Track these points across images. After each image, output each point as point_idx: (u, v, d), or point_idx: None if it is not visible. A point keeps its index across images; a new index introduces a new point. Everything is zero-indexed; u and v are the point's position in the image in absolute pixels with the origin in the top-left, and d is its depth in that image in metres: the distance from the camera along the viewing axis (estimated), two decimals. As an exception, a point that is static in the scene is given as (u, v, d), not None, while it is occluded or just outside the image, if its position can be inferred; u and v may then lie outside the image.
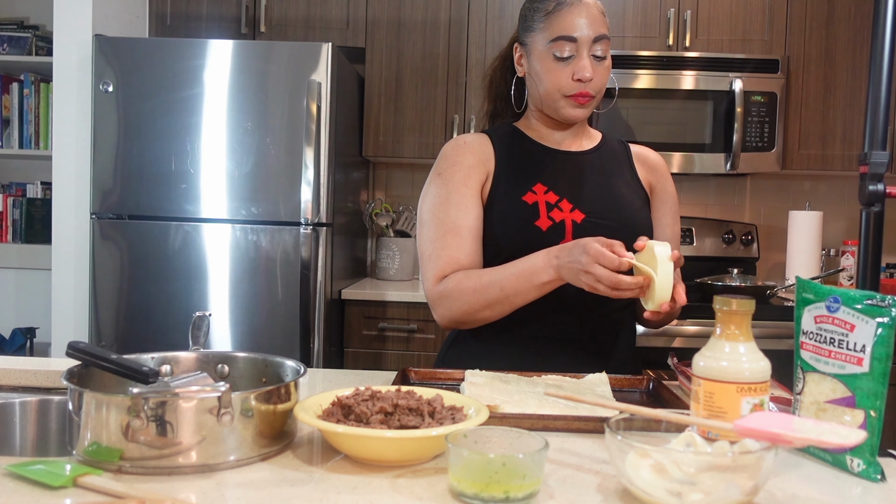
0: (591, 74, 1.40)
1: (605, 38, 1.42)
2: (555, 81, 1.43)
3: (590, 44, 1.41)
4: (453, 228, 1.43)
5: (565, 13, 1.41)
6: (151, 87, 2.69)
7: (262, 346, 2.65)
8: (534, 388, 1.21)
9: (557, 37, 1.41)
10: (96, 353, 0.96)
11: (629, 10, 3.08)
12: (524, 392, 1.18)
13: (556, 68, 1.42)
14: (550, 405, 1.13)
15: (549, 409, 1.11)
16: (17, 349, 3.30)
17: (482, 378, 1.25)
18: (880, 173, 1.02)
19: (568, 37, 1.40)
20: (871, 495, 0.87)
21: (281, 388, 0.94)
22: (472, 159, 1.48)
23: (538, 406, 1.12)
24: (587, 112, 1.47)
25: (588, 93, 1.42)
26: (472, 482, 0.79)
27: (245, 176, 2.69)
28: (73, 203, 2.84)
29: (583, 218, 1.43)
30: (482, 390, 1.17)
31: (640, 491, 0.80)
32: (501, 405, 1.12)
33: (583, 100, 1.43)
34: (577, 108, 1.44)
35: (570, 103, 1.44)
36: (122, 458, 0.86)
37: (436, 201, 1.46)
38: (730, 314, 0.96)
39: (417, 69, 3.13)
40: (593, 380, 1.30)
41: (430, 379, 1.34)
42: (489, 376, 1.26)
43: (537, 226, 1.41)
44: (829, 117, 3.07)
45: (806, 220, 3.13)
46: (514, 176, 1.47)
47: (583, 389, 1.24)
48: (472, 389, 1.18)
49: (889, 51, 1.02)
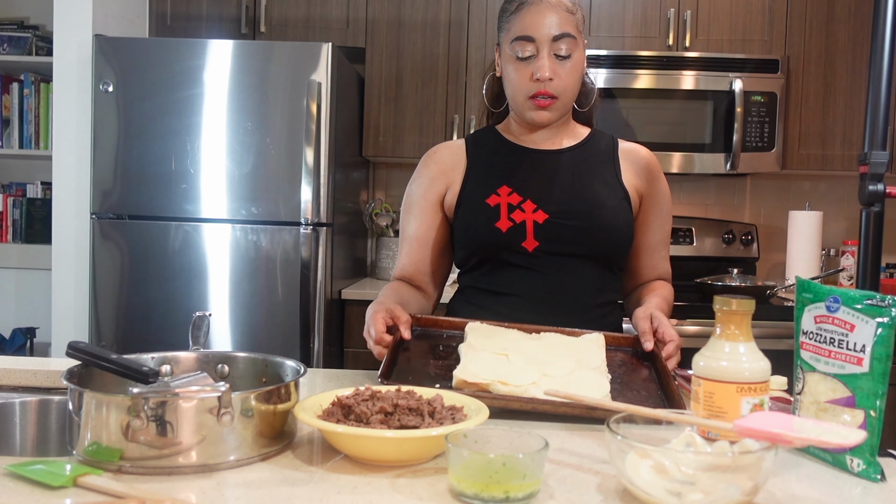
0: (550, 74, 1.39)
1: (567, 36, 1.40)
2: (516, 82, 1.43)
3: (549, 43, 1.40)
4: (407, 237, 1.57)
5: (525, 13, 1.41)
6: (151, 87, 2.69)
7: (262, 346, 2.65)
8: (528, 365, 1.21)
9: (517, 37, 1.41)
10: (96, 353, 0.96)
11: (629, 10, 3.08)
12: (517, 369, 1.19)
13: (517, 68, 1.42)
14: (545, 382, 1.15)
15: (542, 385, 1.14)
16: (18, 349, 3.30)
17: (481, 337, 1.28)
18: (880, 173, 1.02)
19: (526, 36, 1.40)
20: (871, 495, 0.87)
21: (281, 388, 0.94)
22: (434, 171, 1.55)
23: (530, 381, 1.14)
24: (552, 115, 1.45)
25: (548, 92, 1.41)
26: (472, 482, 0.79)
27: (245, 176, 2.69)
28: (73, 203, 2.84)
29: (545, 218, 1.43)
30: (476, 363, 1.19)
31: (640, 491, 0.80)
32: (494, 384, 1.13)
33: (543, 101, 1.42)
34: (540, 112, 1.44)
35: (532, 106, 1.43)
36: (123, 458, 0.86)
37: (402, 211, 1.61)
38: (730, 314, 0.96)
39: (417, 69, 3.13)
40: (590, 339, 1.31)
41: (432, 326, 1.39)
42: (489, 334, 1.30)
43: (497, 227, 1.43)
44: (829, 117, 3.07)
45: (806, 220, 3.13)
46: (482, 179, 1.50)
47: (578, 348, 1.26)
48: (469, 353, 1.22)
49: (889, 51, 1.02)
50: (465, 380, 1.15)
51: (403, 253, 1.57)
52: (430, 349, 1.33)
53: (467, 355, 1.21)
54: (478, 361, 1.19)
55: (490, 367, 1.17)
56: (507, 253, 1.45)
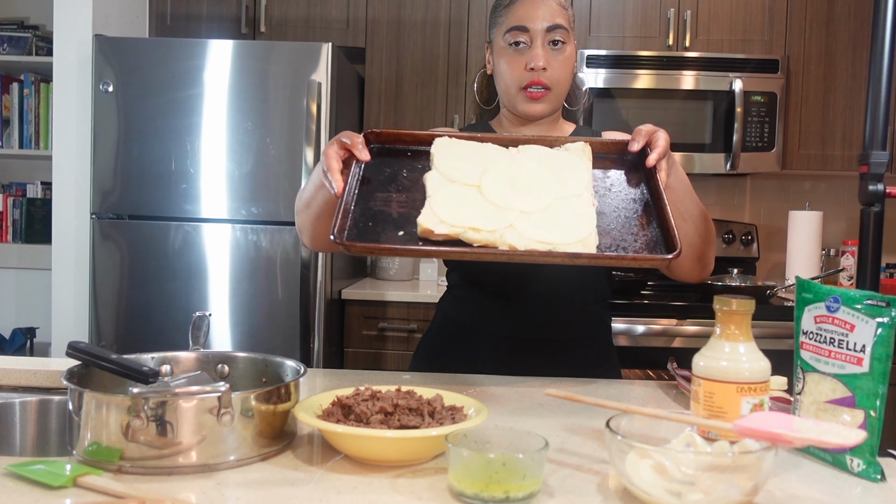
0: (544, 63, 1.40)
1: (560, 27, 1.41)
2: (510, 72, 1.43)
3: (543, 33, 1.41)
4: None
5: (519, 4, 1.42)
6: (151, 87, 2.69)
7: (262, 346, 2.65)
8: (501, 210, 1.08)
9: (511, 27, 1.42)
10: (96, 353, 0.96)
11: (629, 10, 3.08)
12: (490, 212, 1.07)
13: (511, 59, 1.42)
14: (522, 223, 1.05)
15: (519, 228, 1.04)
16: (18, 349, 3.30)
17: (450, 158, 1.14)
18: (880, 173, 1.02)
19: (521, 27, 1.41)
20: (870, 495, 0.87)
21: (281, 388, 0.94)
22: None
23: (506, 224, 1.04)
24: (545, 107, 1.44)
25: (542, 82, 1.41)
26: (472, 482, 0.79)
27: (245, 176, 2.69)
28: (73, 203, 2.84)
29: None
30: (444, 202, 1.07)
31: (640, 491, 0.80)
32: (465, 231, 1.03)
33: (537, 92, 1.41)
34: (534, 104, 1.43)
35: (526, 98, 1.43)
36: (122, 457, 0.86)
37: None
38: (730, 314, 0.96)
39: (417, 69, 3.13)
40: (575, 149, 1.19)
41: (394, 142, 1.24)
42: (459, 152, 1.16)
43: None
44: (829, 117, 3.06)
45: (806, 220, 3.13)
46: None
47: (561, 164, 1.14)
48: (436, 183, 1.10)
49: (889, 51, 1.02)
50: (432, 229, 1.04)
51: None
52: (392, 176, 1.18)
53: (434, 191, 1.09)
54: (445, 199, 1.07)
55: (460, 207, 1.05)
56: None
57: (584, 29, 3.04)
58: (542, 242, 1.03)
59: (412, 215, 1.08)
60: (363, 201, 1.13)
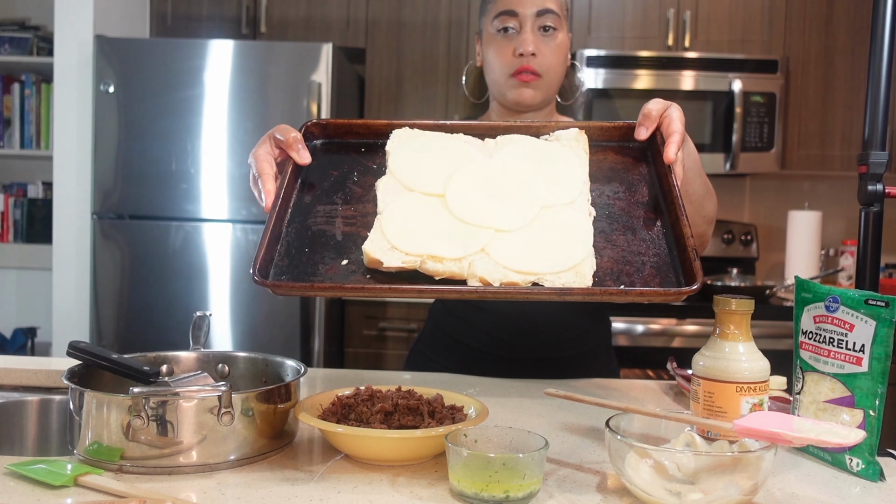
0: (534, 49, 1.35)
1: (550, 12, 1.36)
2: (499, 58, 1.38)
3: (533, 18, 1.36)
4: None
5: None
6: (152, 87, 2.70)
7: (262, 346, 2.65)
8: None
9: (500, 12, 1.38)
10: (97, 353, 0.96)
11: (629, 10, 3.08)
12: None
13: (500, 45, 1.38)
14: (496, 248, 0.86)
15: (492, 251, 0.84)
16: (18, 349, 3.30)
17: (411, 147, 0.94)
18: (879, 173, 1.02)
19: (509, 11, 1.37)
20: (870, 495, 0.87)
21: (281, 388, 0.94)
22: None
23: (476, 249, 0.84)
24: (536, 94, 1.38)
25: (532, 68, 1.36)
26: (472, 482, 0.79)
27: (245, 176, 2.69)
28: (73, 203, 2.84)
29: None
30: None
31: (640, 491, 0.80)
32: (422, 260, 0.84)
33: (527, 77, 1.36)
34: (524, 88, 1.37)
35: (515, 83, 1.37)
36: (123, 457, 0.86)
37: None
38: (729, 314, 0.96)
39: (417, 69, 3.13)
40: (568, 137, 1.00)
41: (344, 135, 1.02)
42: (423, 142, 0.95)
43: None
44: (829, 117, 3.07)
45: (805, 220, 3.13)
46: None
47: (550, 159, 0.95)
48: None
49: (889, 51, 1.02)
50: (380, 260, 0.84)
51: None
52: (339, 182, 0.97)
53: (385, 204, 0.89)
54: (399, 216, 0.87)
55: (417, 227, 0.86)
56: None
57: (583, 29, 3.03)
58: (522, 273, 0.83)
59: (361, 236, 0.89)
60: (300, 218, 0.93)
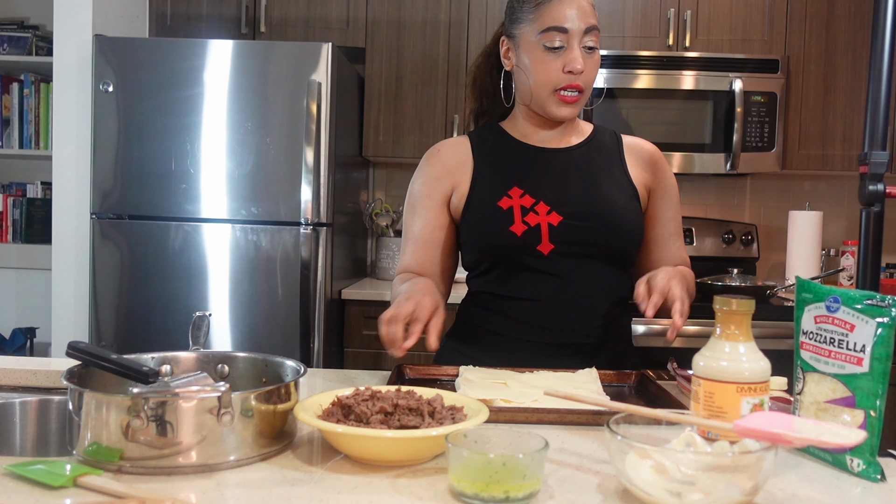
0: (583, 67, 1.38)
1: (595, 29, 1.39)
2: (545, 74, 1.40)
3: (581, 35, 1.38)
4: (412, 237, 1.53)
5: (556, 4, 1.38)
6: (151, 87, 2.69)
7: (262, 346, 2.65)
8: (528, 388, 1.22)
9: (548, 27, 1.38)
10: (96, 353, 0.96)
11: (629, 10, 3.08)
12: (518, 391, 1.19)
13: (546, 60, 1.39)
14: (545, 399, 1.14)
15: (544, 402, 1.12)
16: (18, 349, 3.30)
17: (476, 375, 1.26)
18: (880, 173, 1.02)
19: (559, 27, 1.37)
20: (870, 495, 0.87)
21: (281, 388, 0.94)
22: (439, 169, 1.51)
23: (532, 399, 1.14)
24: (575, 110, 1.44)
25: (579, 85, 1.39)
26: (472, 482, 0.79)
27: (245, 176, 2.69)
28: (73, 203, 2.84)
29: (560, 220, 1.41)
30: (476, 390, 1.18)
31: (640, 491, 0.80)
32: (496, 401, 1.13)
33: (572, 96, 1.40)
34: (566, 108, 1.41)
35: (559, 101, 1.41)
36: (123, 457, 0.86)
37: (406, 209, 1.56)
38: (730, 314, 0.96)
39: (417, 69, 3.13)
40: (584, 375, 1.30)
41: (424, 375, 1.36)
42: (483, 373, 1.28)
43: (512, 231, 1.41)
44: (829, 117, 3.06)
45: (806, 220, 3.13)
46: (491, 179, 1.47)
47: (575, 386, 1.24)
48: (467, 387, 1.20)
49: (889, 51, 1.02)
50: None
51: (408, 252, 1.53)
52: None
53: (465, 387, 1.20)
54: (477, 388, 1.18)
55: (490, 392, 1.17)
56: (522, 257, 1.42)
57: (584, 29, 3.03)
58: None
59: None
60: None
